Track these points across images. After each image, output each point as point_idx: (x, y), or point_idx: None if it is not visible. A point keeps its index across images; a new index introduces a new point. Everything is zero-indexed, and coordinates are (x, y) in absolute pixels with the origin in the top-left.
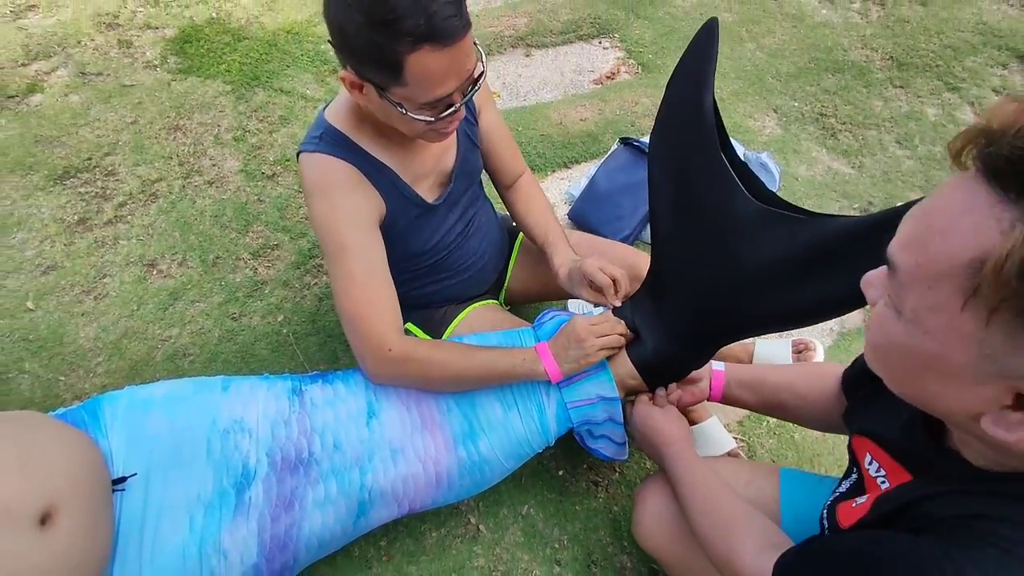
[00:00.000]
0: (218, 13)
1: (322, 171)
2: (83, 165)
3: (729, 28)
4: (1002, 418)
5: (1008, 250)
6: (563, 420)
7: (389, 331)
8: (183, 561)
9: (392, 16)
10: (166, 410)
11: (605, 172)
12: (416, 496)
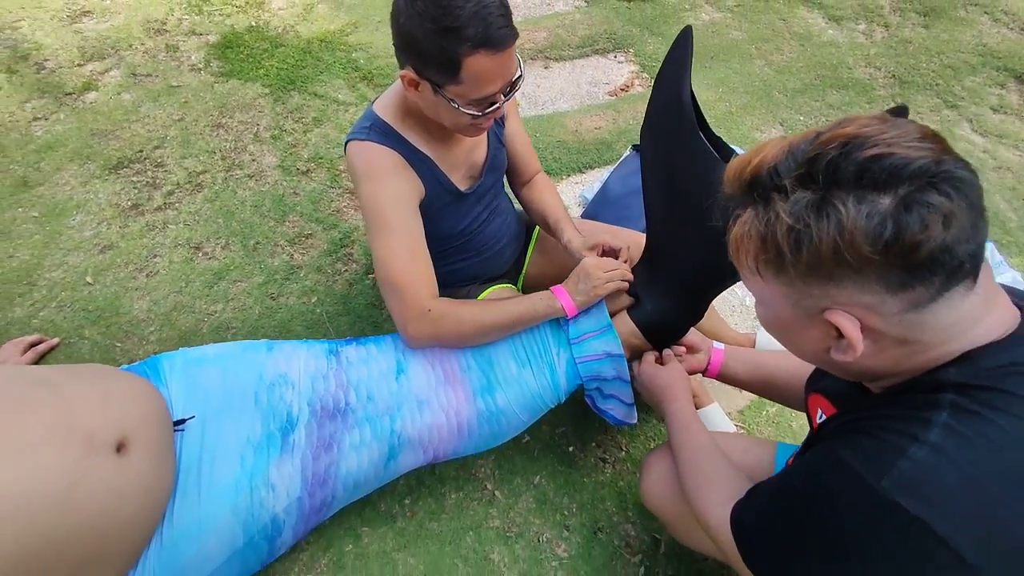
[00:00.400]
0: (257, 22)
1: (371, 157)
2: (135, 157)
3: (739, 45)
4: (838, 347)
5: (741, 233)
6: (572, 376)
7: (427, 296)
8: (236, 493)
9: (456, 24)
10: (218, 365)
11: (618, 177)
12: (440, 444)
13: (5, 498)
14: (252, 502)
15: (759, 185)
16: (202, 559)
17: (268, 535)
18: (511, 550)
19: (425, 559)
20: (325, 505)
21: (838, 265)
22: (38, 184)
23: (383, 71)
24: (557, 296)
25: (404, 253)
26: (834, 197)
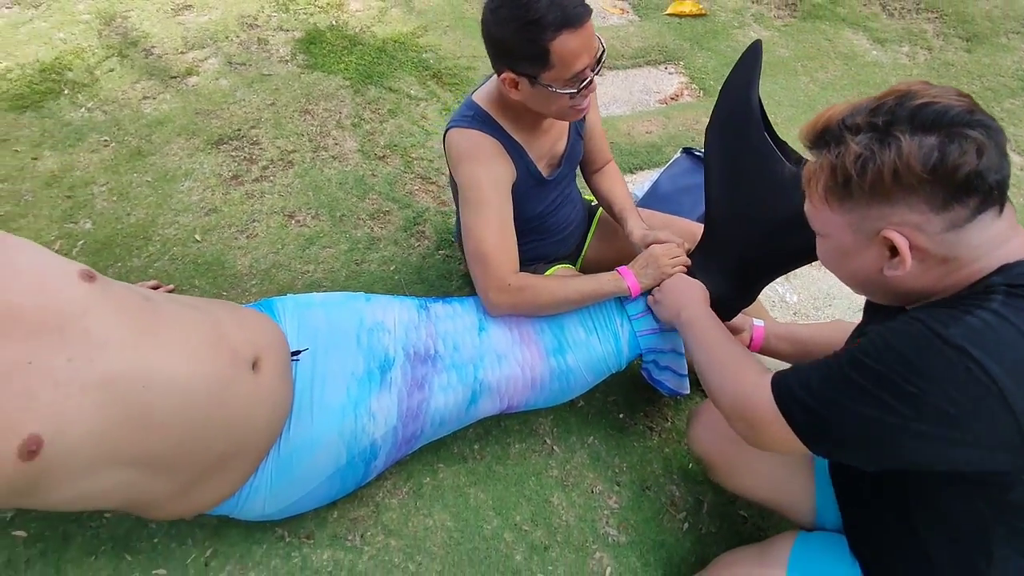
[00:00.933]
0: (336, 21)
1: (473, 142)
2: (234, 134)
3: (785, 62)
4: (891, 265)
5: (815, 168)
6: (633, 346)
7: (509, 269)
8: (343, 417)
9: (536, 16)
10: (324, 309)
11: (668, 176)
12: (514, 394)
13: (177, 383)
14: (356, 427)
15: (829, 132)
16: (311, 472)
17: (366, 458)
18: (568, 496)
19: (493, 495)
20: (414, 438)
21: (896, 185)
22: (150, 154)
23: (451, 71)
24: (624, 277)
25: (495, 229)
26: (894, 131)
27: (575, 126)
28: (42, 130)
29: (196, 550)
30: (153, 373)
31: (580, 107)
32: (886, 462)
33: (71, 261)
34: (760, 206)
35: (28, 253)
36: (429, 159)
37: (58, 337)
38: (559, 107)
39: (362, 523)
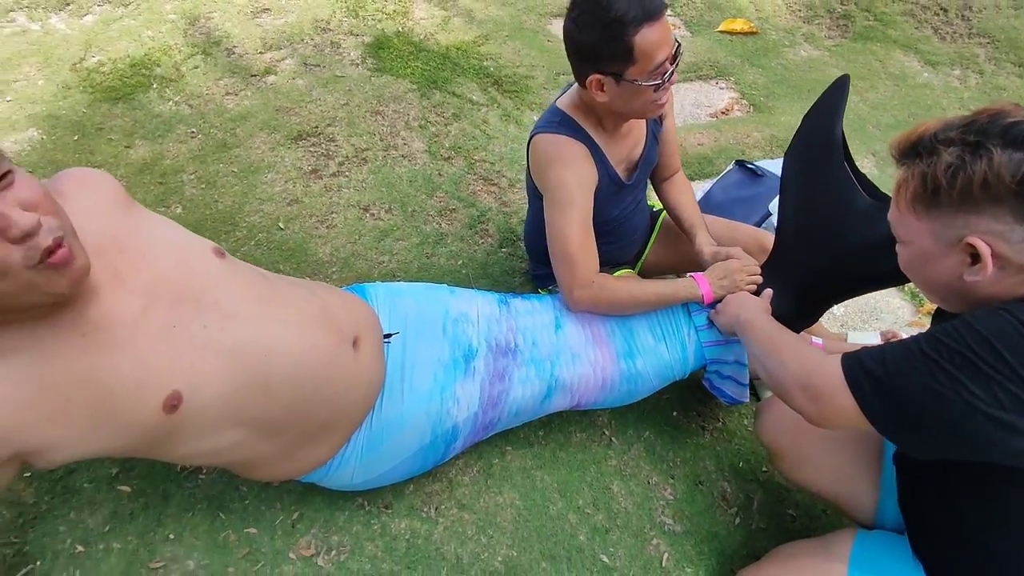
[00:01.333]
0: (402, 28)
1: (562, 146)
2: (312, 131)
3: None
4: (971, 271)
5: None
6: (699, 356)
7: (592, 269)
8: (430, 399)
9: (617, 14)
10: (412, 297)
11: (720, 187)
12: (585, 392)
13: (292, 355)
14: (441, 409)
15: (922, 144)
16: (398, 448)
17: (447, 439)
18: (626, 485)
19: (556, 479)
20: (491, 425)
21: (984, 194)
22: (235, 146)
23: (510, 79)
24: (699, 283)
25: (580, 229)
26: (986, 144)
27: (652, 132)
28: (134, 120)
29: (283, 513)
30: (273, 344)
31: (661, 102)
32: (949, 446)
33: (204, 239)
34: (833, 233)
35: (171, 229)
36: (490, 162)
37: (196, 305)
38: (642, 103)
39: (436, 497)
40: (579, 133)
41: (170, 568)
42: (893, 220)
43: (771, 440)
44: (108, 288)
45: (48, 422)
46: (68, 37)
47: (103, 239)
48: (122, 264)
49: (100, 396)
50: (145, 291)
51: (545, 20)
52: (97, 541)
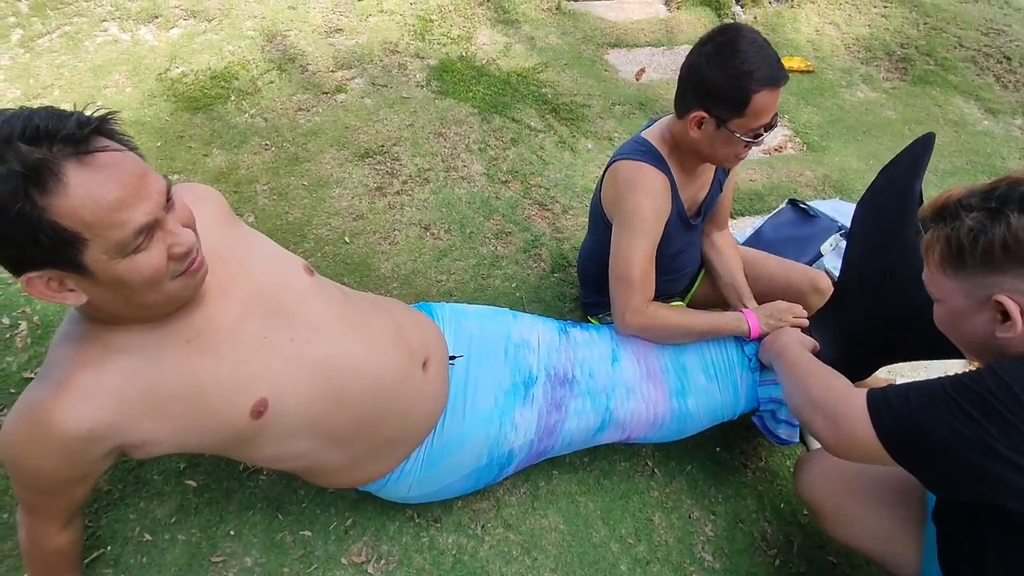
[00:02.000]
0: (466, 53)
1: (643, 174)
2: (378, 149)
3: (891, 124)
4: (1003, 328)
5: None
6: (751, 399)
7: (647, 297)
8: (490, 422)
9: (750, 68)
10: (477, 320)
11: (772, 225)
12: (636, 428)
13: (369, 372)
14: (499, 434)
15: (947, 209)
16: (455, 466)
17: (501, 463)
18: (668, 518)
19: (600, 506)
20: (544, 452)
21: (1006, 256)
22: (305, 161)
23: (567, 106)
24: (747, 318)
25: (646, 257)
26: (1005, 210)
27: (719, 179)
28: (212, 130)
29: (337, 519)
30: (352, 360)
31: (742, 157)
32: (964, 486)
33: (296, 256)
34: (896, 291)
35: (268, 245)
36: (545, 187)
37: (286, 318)
38: (727, 152)
39: (484, 515)
40: (662, 165)
41: (229, 564)
42: (926, 279)
43: (812, 496)
44: (212, 297)
45: (150, 418)
46: (155, 48)
47: (212, 251)
48: (225, 276)
49: (198, 397)
50: (243, 302)
51: (603, 50)
52: (163, 531)
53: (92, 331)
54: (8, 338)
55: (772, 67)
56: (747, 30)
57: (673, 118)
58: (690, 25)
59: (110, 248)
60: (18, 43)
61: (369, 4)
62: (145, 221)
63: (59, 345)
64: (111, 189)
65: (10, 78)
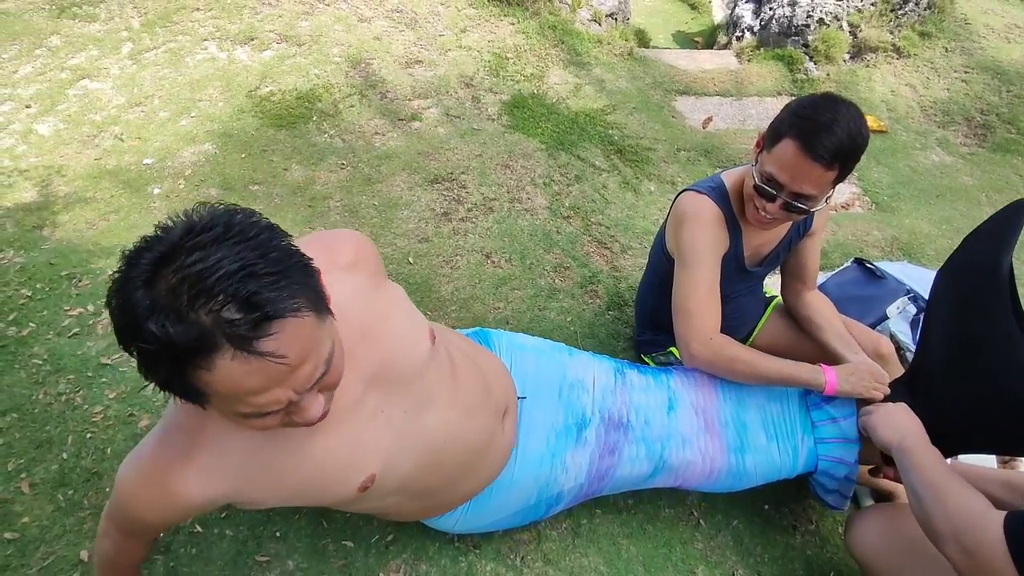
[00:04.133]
0: (538, 91)
1: (703, 207)
2: (447, 176)
3: (968, 190)
4: None
5: None
6: (809, 463)
7: (714, 327)
8: (540, 465)
9: (803, 116)
10: (534, 355)
11: (836, 283)
12: (689, 477)
13: (466, 440)
14: (551, 476)
15: None
16: (504, 507)
17: (550, 503)
18: (711, 572)
19: (642, 551)
20: (593, 494)
21: None
22: (378, 182)
23: (632, 148)
24: (825, 373)
25: (705, 288)
26: None
27: (790, 237)
28: (293, 147)
29: (379, 533)
30: (451, 428)
31: (763, 213)
32: None
33: (424, 320)
34: (983, 378)
35: (403, 312)
36: (606, 225)
37: (404, 392)
38: (747, 193)
39: (524, 546)
40: (724, 202)
41: (273, 564)
42: None
43: (863, 554)
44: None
45: (264, 489)
46: (248, 67)
47: (353, 325)
48: (360, 351)
49: (313, 474)
50: (369, 377)
51: (671, 96)
52: (214, 525)
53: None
54: (91, 324)
55: (819, 136)
56: (847, 108)
57: None
58: (760, 77)
59: (233, 412)
60: (127, 55)
61: (449, 39)
62: (274, 408)
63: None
64: (255, 380)
65: (117, 86)
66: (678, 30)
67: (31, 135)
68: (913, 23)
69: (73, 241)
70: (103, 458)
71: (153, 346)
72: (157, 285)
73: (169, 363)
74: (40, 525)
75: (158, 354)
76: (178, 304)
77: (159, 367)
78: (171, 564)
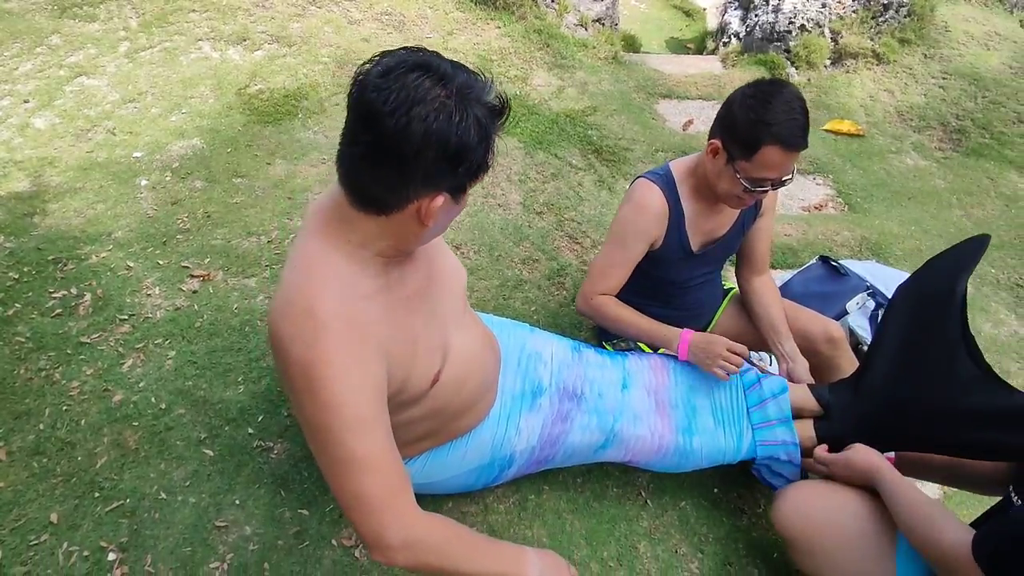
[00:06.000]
0: (520, 92)
1: (652, 201)
2: None
3: (939, 193)
4: None
5: None
6: (751, 450)
7: (600, 290)
8: (496, 424)
9: (771, 121)
10: (496, 328)
11: (801, 279)
12: (638, 452)
13: (484, 370)
14: (504, 437)
15: None
16: (460, 462)
17: (502, 465)
18: (653, 548)
19: (586, 526)
20: (544, 461)
21: None
22: None
23: (610, 148)
24: (681, 336)
25: (610, 260)
26: None
27: (742, 222)
28: (277, 143)
29: (334, 503)
30: (478, 354)
31: (744, 202)
32: None
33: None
34: (925, 383)
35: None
36: (578, 221)
37: (452, 305)
38: (728, 191)
39: (471, 518)
40: (670, 191)
41: (231, 529)
42: None
43: (786, 528)
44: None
45: (388, 342)
46: (239, 66)
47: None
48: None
49: (412, 345)
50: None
51: (653, 99)
52: (177, 492)
53: (354, 254)
54: (73, 306)
55: (793, 131)
56: (791, 91)
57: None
58: (742, 82)
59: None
60: (124, 54)
61: (436, 42)
62: None
63: (322, 258)
64: None
65: (112, 83)
66: (672, 36)
67: (27, 128)
68: (893, 30)
69: (61, 228)
70: (77, 429)
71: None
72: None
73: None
74: (15, 490)
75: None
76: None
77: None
78: (135, 528)
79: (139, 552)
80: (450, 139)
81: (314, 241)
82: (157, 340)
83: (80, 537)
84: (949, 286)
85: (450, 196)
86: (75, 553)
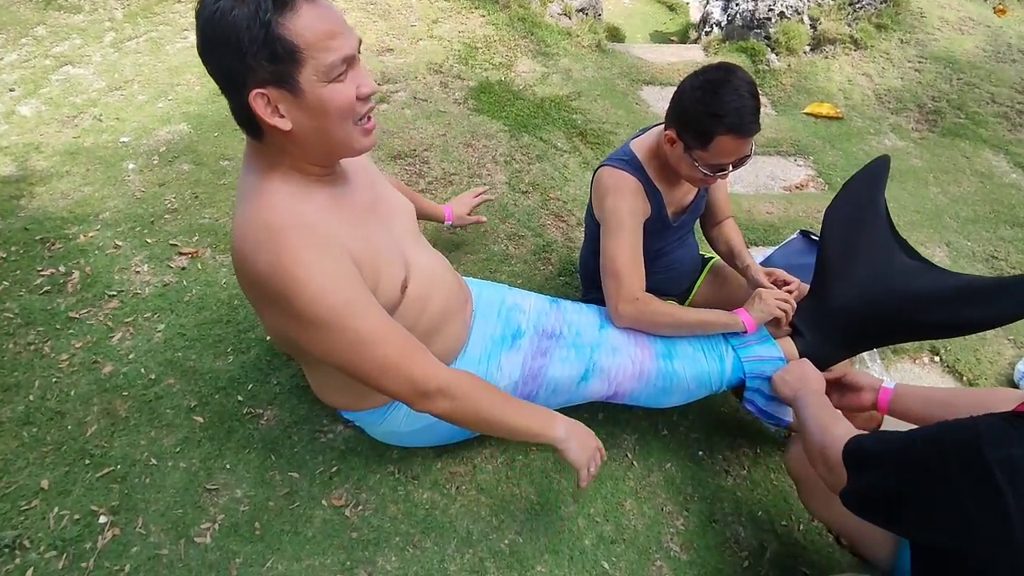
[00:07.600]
0: (505, 78)
1: (621, 180)
2: (409, 153)
3: (917, 172)
4: None
5: None
6: (737, 369)
7: (637, 286)
8: (478, 364)
9: (720, 112)
10: (477, 286)
11: (782, 254)
12: (622, 381)
13: (446, 289)
14: (486, 374)
15: None
16: None
17: None
18: (639, 506)
19: (573, 484)
20: (529, 397)
21: None
22: None
23: (594, 132)
24: (740, 314)
25: (629, 251)
26: None
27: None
28: None
29: (324, 465)
30: (438, 272)
31: (708, 182)
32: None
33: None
34: (872, 279)
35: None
36: (563, 200)
37: (403, 223)
38: (690, 175)
39: (460, 478)
40: (640, 173)
41: (222, 492)
42: None
43: (798, 471)
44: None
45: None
46: None
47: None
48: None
49: (374, 254)
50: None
51: (637, 86)
52: (168, 458)
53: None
54: (62, 283)
55: (744, 117)
56: (738, 76)
57: (662, 127)
58: None
59: (320, 70)
60: (109, 44)
61: (420, 30)
62: (348, 52)
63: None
64: (329, 21)
65: (98, 72)
66: (656, 30)
67: (13, 116)
68: (870, 16)
69: (48, 210)
70: (66, 399)
71: (255, 15)
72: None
73: (267, 33)
74: (4, 459)
75: (260, 19)
76: None
77: (260, 42)
78: (125, 492)
79: (130, 515)
80: (229, 35)
81: (250, 175)
82: (146, 314)
83: (71, 502)
84: (870, 197)
85: (279, 89)
86: (66, 516)
